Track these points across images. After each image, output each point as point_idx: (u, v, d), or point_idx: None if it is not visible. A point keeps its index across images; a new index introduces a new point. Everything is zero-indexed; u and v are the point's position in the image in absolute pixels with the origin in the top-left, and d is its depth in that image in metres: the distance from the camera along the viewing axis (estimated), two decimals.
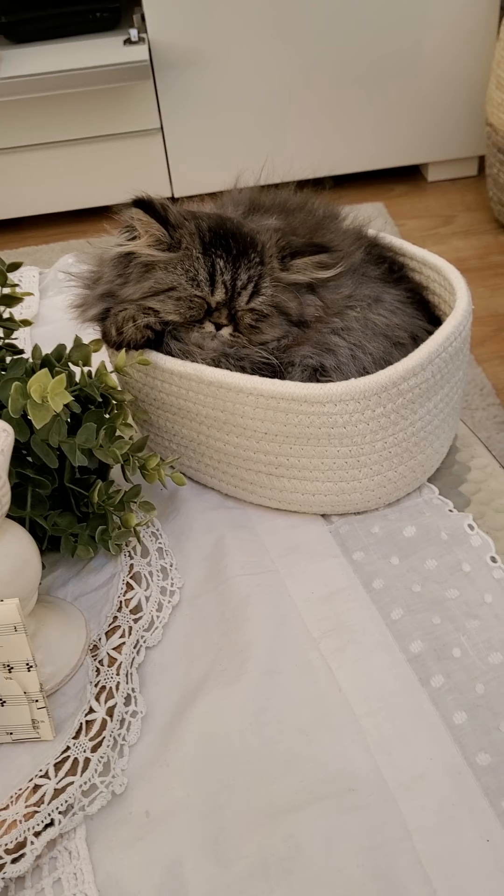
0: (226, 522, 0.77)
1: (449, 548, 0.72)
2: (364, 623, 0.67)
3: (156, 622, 0.69)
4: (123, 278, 0.74)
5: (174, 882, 0.53)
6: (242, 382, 0.68)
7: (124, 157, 2.16)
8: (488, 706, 0.61)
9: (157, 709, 0.63)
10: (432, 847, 0.53)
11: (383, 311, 0.75)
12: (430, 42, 2.09)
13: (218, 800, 0.57)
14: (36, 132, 2.09)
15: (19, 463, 0.68)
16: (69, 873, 0.55)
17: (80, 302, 0.78)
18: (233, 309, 0.72)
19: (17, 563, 0.60)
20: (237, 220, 0.76)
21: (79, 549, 0.71)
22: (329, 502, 0.74)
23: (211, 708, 0.62)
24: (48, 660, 0.64)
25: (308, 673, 0.64)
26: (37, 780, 0.57)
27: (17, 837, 0.55)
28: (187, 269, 0.71)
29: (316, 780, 0.57)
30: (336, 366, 0.73)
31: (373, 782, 0.57)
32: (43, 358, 0.71)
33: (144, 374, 0.75)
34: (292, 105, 2.14)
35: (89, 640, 0.67)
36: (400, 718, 0.60)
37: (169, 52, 2.01)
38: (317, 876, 0.53)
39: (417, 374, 0.68)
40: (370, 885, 0.52)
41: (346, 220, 0.83)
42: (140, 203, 0.71)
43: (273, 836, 0.55)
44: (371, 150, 2.25)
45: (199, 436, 0.76)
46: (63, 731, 0.61)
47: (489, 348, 1.76)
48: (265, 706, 0.62)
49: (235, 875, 0.53)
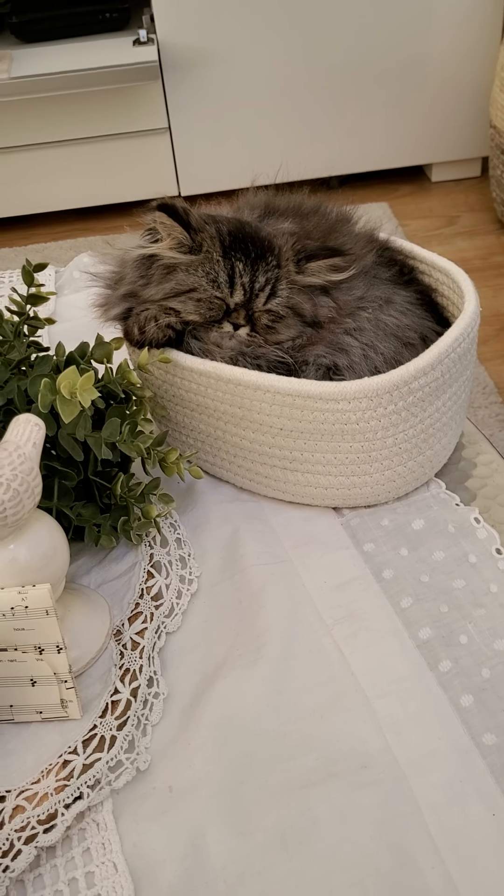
0: (241, 514, 0.80)
1: (456, 540, 0.75)
2: (375, 611, 0.70)
3: (175, 609, 0.72)
4: (146, 279, 0.77)
5: (197, 852, 0.56)
6: (259, 380, 0.71)
7: (132, 157, 2.19)
8: (494, 690, 0.64)
9: (177, 691, 0.66)
10: (441, 820, 0.57)
11: (394, 312, 0.78)
12: (435, 45, 2.11)
13: (238, 776, 0.60)
14: (45, 131, 2.12)
15: (46, 456, 0.71)
16: (97, 843, 0.58)
17: (103, 301, 0.81)
18: (250, 310, 0.75)
19: (47, 551, 0.63)
20: (255, 224, 0.79)
21: (102, 538, 0.74)
22: (341, 496, 0.77)
23: (229, 690, 0.65)
24: (74, 643, 0.67)
25: (322, 658, 0.67)
26: (66, 756, 0.61)
27: (49, 809, 0.58)
28: (208, 272, 0.74)
29: (330, 758, 0.60)
30: (349, 365, 0.76)
31: (384, 760, 0.60)
32: (67, 355, 0.74)
33: (165, 372, 0.78)
34: (298, 106, 2.16)
35: (113, 626, 0.70)
36: (410, 701, 0.63)
37: (177, 53, 2.04)
38: (332, 847, 0.56)
39: (427, 374, 0.71)
40: (382, 855, 0.55)
41: (359, 224, 0.86)
42: (164, 207, 0.74)
43: (290, 809, 0.58)
44: (376, 151, 2.28)
45: (216, 431, 0.79)
46: (90, 710, 0.64)
47: (492, 347, 1.79)
48: (281, 689, 0.65)
49: (255, 846, 0.56)
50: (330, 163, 2.19)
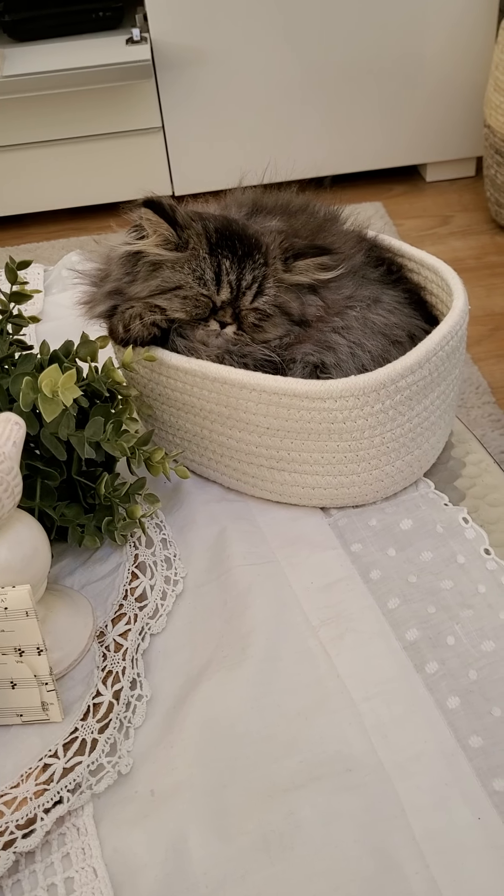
0: (228, 514, 0.79)
1: (444, 540, 0.74)
2: (362, 612, 0.69)
3: (160, 610, 0.71)
4: (131, 276, 0.76)
5: (179, 856, 0.55)
6: (245, 379, 0.71)
7: (126, 156, 2.18)
8: (481, 692, 0.63)
9: (161, 693, 0.66)
10: (426, 824, 0.56)
11: (382, 310, 0.78)
12: (430, 45, 2.11)
13: (220, 779, 0.59)
14: (38, 130, 2.11)
15: (29, 455, 0.70)
16: (77, 848, 0.57)
17: (88, 299, 0.80)
18: (237, 308, 0.74)
19: (27, 552, 0.62)
20: (242, 222, 0.78)
21: (86, 539, 0.73)
22: (328, 495, 0.77)
23: (213, 692, 0.64)
24: (56, 645, 0.66)
25: (307, 659, 0.66)
26: (46, 760, 0.60)
27: (28, 814, 0.57)
28: (194, 269, 0.74)
29: (315, 761, 0.60)
30: (336, 363, 0.75)
31: (369, 763, 0.59)
32: (51, 354, 0.73)
33: (150, 370, 0.77)
34: (292, 106, 2.16)
35: (96, 627, 0.69)
36: (396, 703, 0.63)
37: (171, 51, 2.03)
38: (315, 851, 0.55)
39: (415, 372, 0.70)
40: (366, 859, 0.54)
41: (347, 223, 0.85)
42: (149, 203, 0.73)
43: (273, 813, 0.57)
44: (370, 151, 2.27)
45: (202, 430, 0.78)
46: (71, 713, 0.63)
47: (485, 347, 1.78)
48: (266, 691, 0.64)
49: (237, 850, 0.55)
50: (324, 162, 2.18)
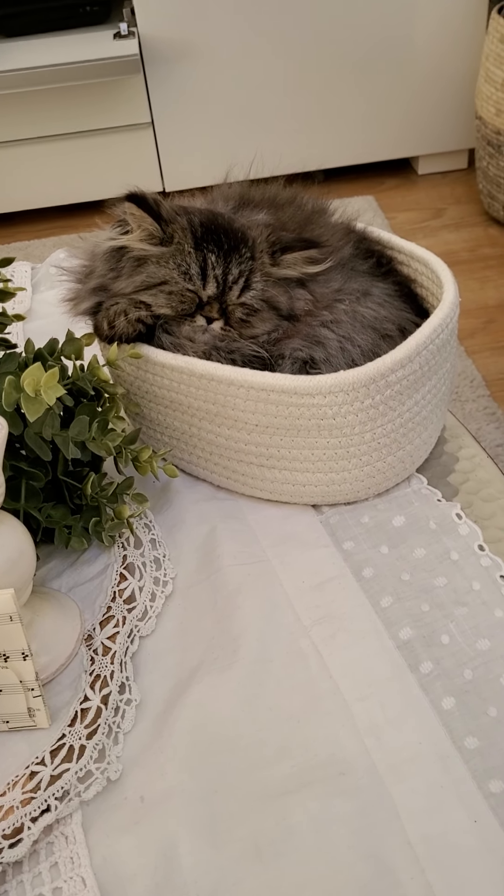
0: (218, 513, 0.78)
1: (437, 537, 0.73)
2: (354, 611, 0.68)
3: (149, 612, 0.70)
4: (115, 272, 0.74)
5: (169, 864, 0.54)
6: (233, 375, 0.69)
7: (115, 152, 2.16)
8: (476, 691, 0.62)
9: (151, 697, 0.64)
10: (421, 828, 0.55)
11: (372, 304, 0.76)
12: (420, 36, 2.09)
13: (211, 784, 0.58)
14: (25, 127, 2.09)
15: (13, 456, 0.69)
16: (66, 857, 0.56)
17: (73, 296, 0.78)
18: (224, 303, 0.73)
19: (12, 555, 0.61)
20: (228, 216, 0.77)
21: (72, 540, 0.72)
22: (319, 493, 0.75)
23: (204, 695, 0.63)
24: (43, 649, 0.65)
25: (299, 660, 0.65)
26: (33, 767, 0.58)
27: (15, 823, 0.56)
28: (179, 264, 0.72)
29: (307, 765, 0.58)
30: (325, 358, 0.73)
31: (363, 766, 0.58)
32: (35, 352, 0.72)
33: (136, 368, 0.76)
34: (283, 99, 2.14)
35: (84, 630, 0.68)
36: (390, 704, 0.61)
37: (159, 46, 2.01)
38: (308, 857, 0.54)
39: (405, 366, 0.69)
40: (360, 865, 0.53)
41: (335, 215, 0.84)
42: (133, 197, 0.72)
43: (265, 819, 0.56)
44: (361, 144, 2.26)
45: (190, 428, 0.77)
46: (59, 719, 0.62)
47: (479, 340, 1.77)
48: (257, 693, 0.63)
49: (229, 857, 0.54)
50: (315, 156, 2.17)
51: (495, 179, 2.03)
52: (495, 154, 1.98)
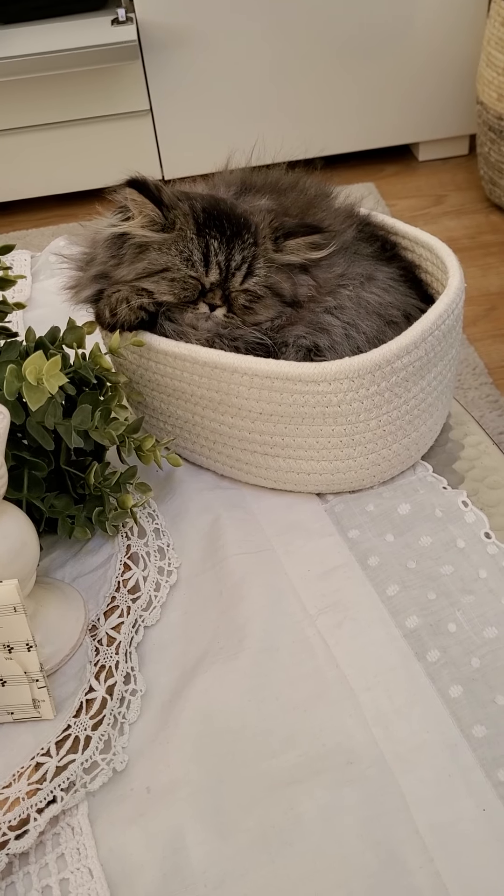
0: (222, 502, 0.77)
1: (443, 524, 0.72)
2: (360, 599, 0.67)
3: (154, 602, 0.69)
4: (117, 259, 0.74)
5: (176, 855, 0.54)
6: (237, 362, 0.69)
7: (114, 140, 2.15)
8: (484, 679, 0.61)
9: (156, 687, 0.64)
10: (429, 817, 0.54)
11: (376, 289, 0.76)
12: (420, 21, 2.07)
13: (218, 774, 0.58)
14: (23, 115, 2.07)
15: (15, 445, 0.68)
16: (72, 848, 0.55)
17: (74, 283, 0.78)
18: (227, 290, 0.72)
19: (14, 545, 0.60)
20: (230, 201, 0.76)
21: (76, 530, 0.71)
22: (324, 481, 0.75)
23: (210, 685, 0.63)
24: (47, 640, 0.64)
25: (305, 649, 0.65)
26: (38, 759, 0.58)
27: (21, 814, 0.55)
28: (181, 250, 0.71)
29: (315, 754, 0.58)
30: (330, 345, 0.73)
31: (371, 755, 0.58)
32: (37, 340, 0.71)
33: (139, 356, 0.75)
34: (282, 85, 2.12)
35: (88, 621, 0.67)
36: (397, 693, 0.61)
37: (157, 32, 1.99)
38: (316, 846, 0.54)
39: (411, 353, 0.68)
40: (368, 854, 0.53)
41: (338, 199, 0.83)
42: (134, 183, 0.71)
43: (273, 808, 0.55)
44: (362, 130, 2.24)
45: (193, 416, 0.76)
46: (64, 709, 0.61)
47: (481, 328, 1.76)
48: (263, 683, 0.63)
49: (236, 847, 0.54)
50: (315, 142, 2.14)
51: (497, 165, 2.01)
52: (497, 140, 1.96)
